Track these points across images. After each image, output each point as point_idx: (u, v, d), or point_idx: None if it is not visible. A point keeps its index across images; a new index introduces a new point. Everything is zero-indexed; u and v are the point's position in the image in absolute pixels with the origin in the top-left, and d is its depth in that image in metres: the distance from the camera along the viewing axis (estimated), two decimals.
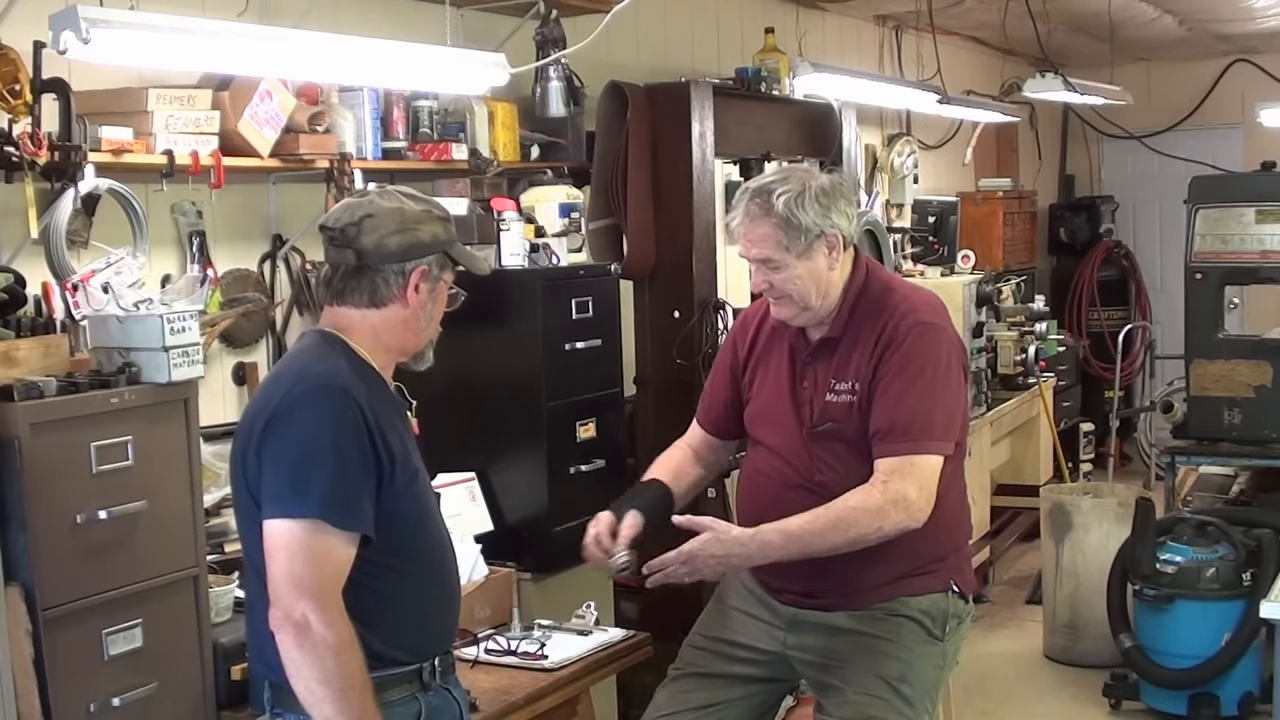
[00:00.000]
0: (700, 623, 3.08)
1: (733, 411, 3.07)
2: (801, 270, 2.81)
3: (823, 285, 2.84)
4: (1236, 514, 5.18)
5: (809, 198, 2.79)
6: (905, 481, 2.73)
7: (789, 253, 2.79)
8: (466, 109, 4.24)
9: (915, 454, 2.75)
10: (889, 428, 2.77)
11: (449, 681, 2.44)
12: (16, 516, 2.48)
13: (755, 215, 2.81)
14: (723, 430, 3.12)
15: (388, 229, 2.33)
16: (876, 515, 2.71)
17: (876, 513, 2.71)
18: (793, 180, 2.82)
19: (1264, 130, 8.68)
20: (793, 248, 2.79)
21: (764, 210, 2.80)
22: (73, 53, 2.72)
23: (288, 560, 2.17)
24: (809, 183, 2.82)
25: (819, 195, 2.80)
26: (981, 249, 7.65)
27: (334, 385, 2.24)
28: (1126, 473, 8.61)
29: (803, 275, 2.81)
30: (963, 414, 2.90)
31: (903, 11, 7.00)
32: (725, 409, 3.09)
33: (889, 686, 2.80)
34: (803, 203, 2.78)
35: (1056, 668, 5.60)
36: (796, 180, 2.82)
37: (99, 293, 2.90)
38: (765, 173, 2.93)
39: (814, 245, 2.80)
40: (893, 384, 2.78)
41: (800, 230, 2.78)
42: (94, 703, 2.61)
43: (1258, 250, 5.34)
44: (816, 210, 2.79)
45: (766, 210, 2.80)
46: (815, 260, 2.81)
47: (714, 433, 3.13)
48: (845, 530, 2.71)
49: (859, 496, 2.74)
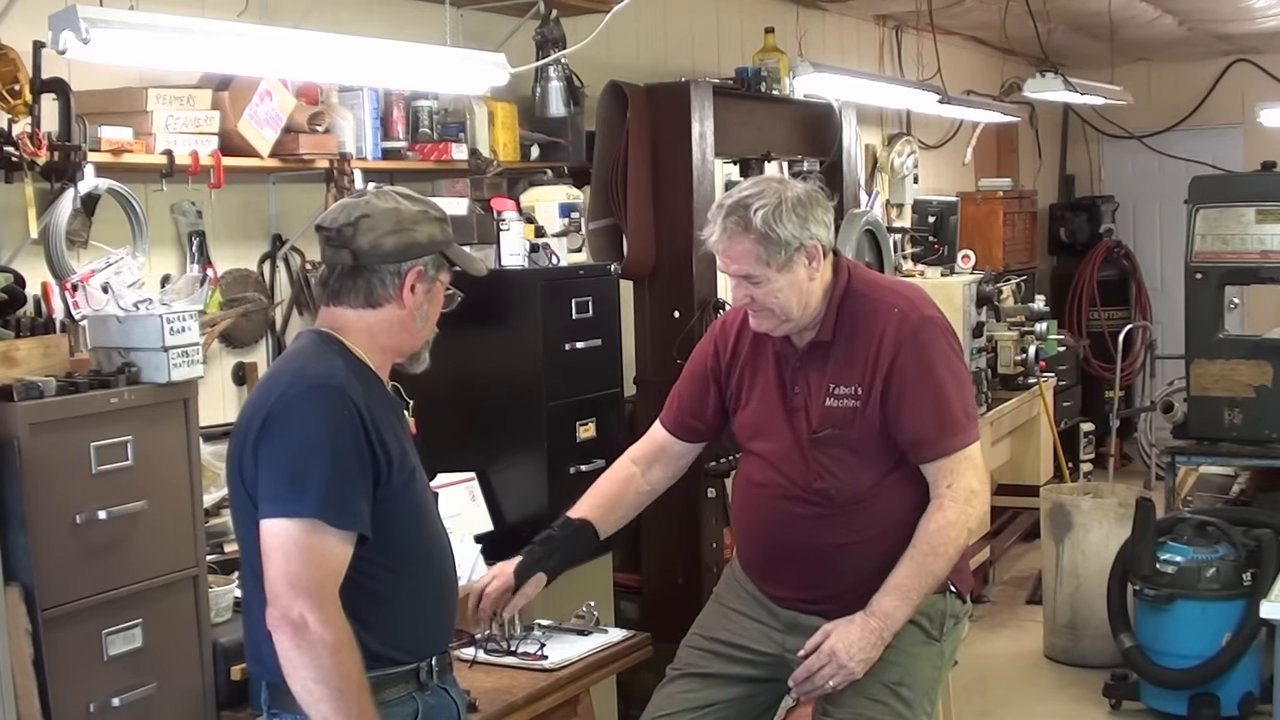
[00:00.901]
0: (698, 623, 3.08)
1: (703, 416, 3.05)
2: (783, 284, 2.78)
3: (804, 296, 2.81)
4: (1236, 514, 5.18)
5: (786, 210, 2.75)
6: (967, 476, 2.79)
7: (769, 267, 2.76)
8: (466, 109, 4.24)
9: (966, 445, 2.81)
10: (939, 430, 2.79)
11: (446, 681, 2.44)
12: (16, 516, 2.48)
13: (733, 232, 2.77)
14: (690, 434, 3.09)
15: (384, 229, 2.33)
16: (961, 522, 2.78)
17: (959, 521, 2.78)
18: (768, 193, 2.78)
19: (1264, 130, 8.68)
20: (773, 262, 2.76)
21: (742, 226, 2.76)
22: (72, 53, 2.72)
23: (285, 560, 2.17)
24: (784, 194, 2.77)
25: (795, 206, 2.77)
26: (981, 249, 7.65)
27: (330, 385, 2.24)
28: (1126, 473, 8.61)
29: (784, 289, 2.78)
30: None
31: (903, 11, 7.00)
32: (695, 414, 3.06)
33: (887, 690, 2.79)
34: (780, 216, 2.74)
35: (1056, 668, 5.60)
36: (772, 193, 2.78)
37: (99, 293, 2.89)
38: (738, 185, 2.89)
39: (794, 258, 2.77)
40: (919, 387, 2.78)
41: (780, 244, 2.75)
42: (94, 703, 2.61)
43: (1258, 250, 5.34)
44: (795, 222, 2.75)
45: (745, 226, 2.75)
46: (796, 273, 2.78)
47: (681, 436, 3.09)
48: (946, 552, 2.77)
49: (935, 517, 2.77)
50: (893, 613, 2.74)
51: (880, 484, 2.82)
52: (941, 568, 2.77)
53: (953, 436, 2.79)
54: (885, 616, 2.73)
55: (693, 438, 3.10)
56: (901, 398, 2.78)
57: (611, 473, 3.12)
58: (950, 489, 2.77)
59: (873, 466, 2.82)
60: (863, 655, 2.72)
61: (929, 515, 2.78)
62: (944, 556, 2.77)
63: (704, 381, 3.04)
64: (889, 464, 2.83)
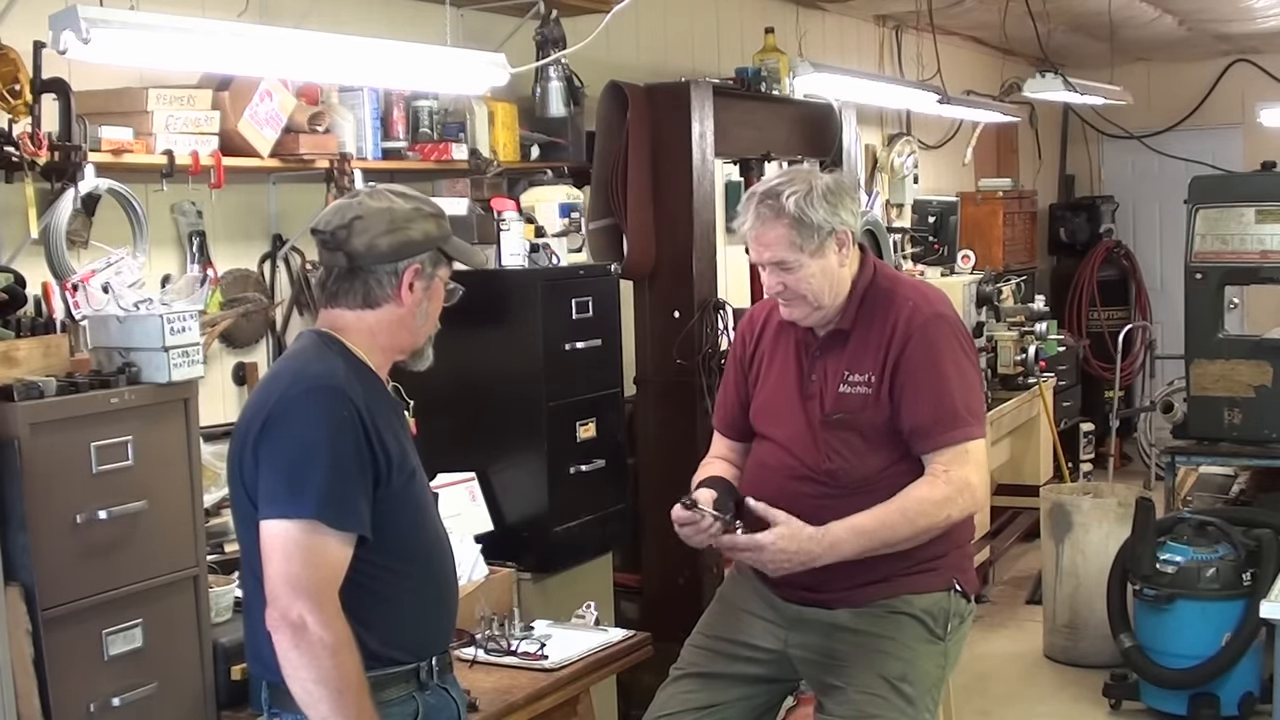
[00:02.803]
0: (703, 622, 3.08)
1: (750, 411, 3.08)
2: (815, 269, 2.82)
3: (835, 283, 2.86)
4: (1236, 514, 5.18)
5: (817, 196, 2.81)
6: (966, 468, 2.79)
7: (803, 252, 2.81)
8: (466, 109, 4.24)
9: (967, 440, 2.81)
10: (935, 420, 2.80)
11: (446, 681, 2.44)
12: (16, 516, 2.48)
13: (766, 218, 2.82)
14: (744, 434, 3.10)
15: (378, 229, 2.32)
16: (944, 504, 2.77)
17: (944, 502, 2.77)
18: (799, 180, 2.84)
19: (1264, 130, 8.68)
20: (806, 247, 2.81)
21: (775, 212, 2.81)
22: (73, 53, 2.72)
23: (284, 560, 2.17)
24: (814, 182, 2.84)
25: (826, 193, 2.82)
26: (981, 249, 7.66)
27: (330, 386, 2.24)
28: (1126, 473, 8.61)
29: (816, 274, 2.83)
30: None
31: (903, 11, 7.00)
32: (745, 412, 3.08)
33: (890, 685, 2.80)
34: (812, 201, 2.80)
35: (1056, 668, 5.60)
36: (802, 180, 2.84)
37: (99, 293, 2.90)
38: (767, 176, 2.92)
39: (826, 243, 2.82)
40: (925, 377, 2.81)
41: (812, 229, 2.80)
42: (94, 703, 2.61)
43: (1258, 250, 5.34)
44: (825, 208, 2.81)
45: (778, 212, 2.81)
46: (828, 258, 2.83)
47: (738, 438, 3.10)
48: (915, 521, 2.76)
49: (924, 488, 2.78)
50: (838, 545, 2.73)
51: (888, 470, 2.83)
52: (904, 534, 2.76)
53: (952, 429, 2.80)
54: (831, 545, 2.72)
55: (747, 436, 3.10)
56: (904, 387, 2.81)
57: (711, 463, 3.09)
58: (947, 474, 2.78)
59: (881, 453, 2.84)
60: (786, 561, 2.72)
61: (918, 484, 2.78)
62: (911, 525, 2.76)
63: (741, 376, 3.08)
64: (898, 452, 2.84)
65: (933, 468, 2.80)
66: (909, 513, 2.76)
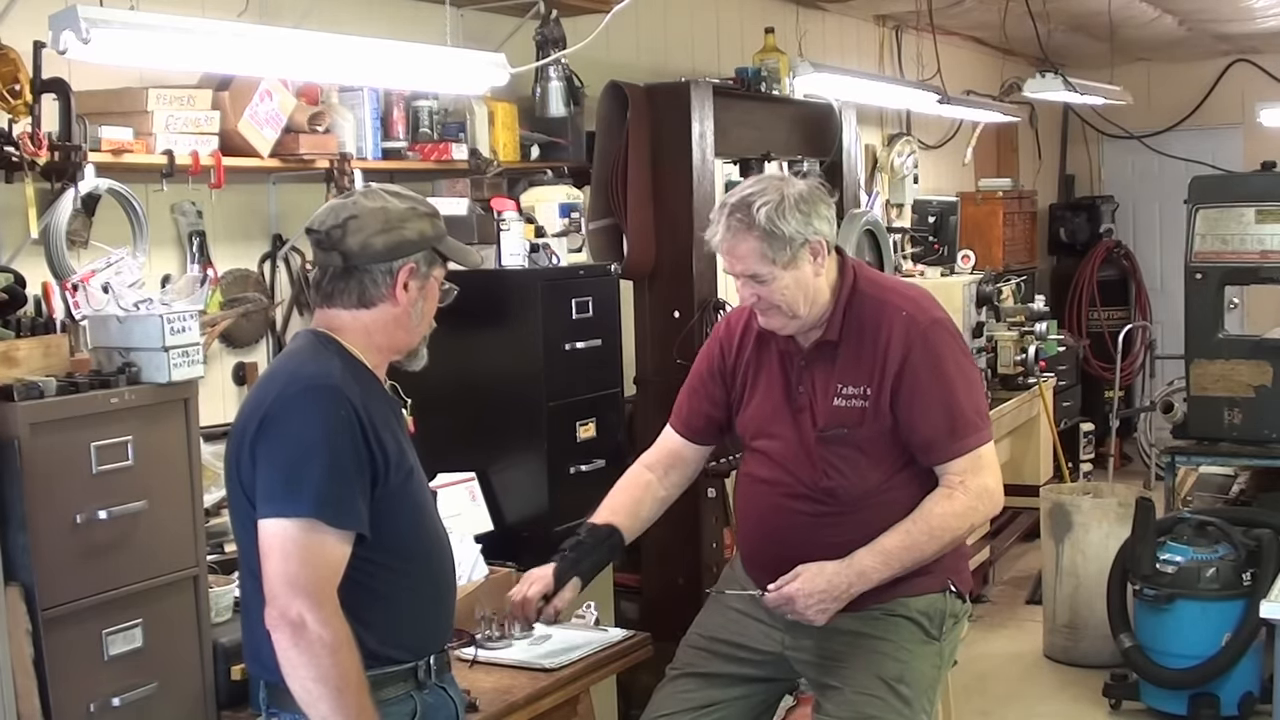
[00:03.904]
0: (698, 622, 3.08)
1: (715, 417, 3.06)
2: (789, 280, 2.78)
3: (810, 293, 2.82)
4: (1236, 514, 5.18)
5: (789, 206, 2.75)
6: (982, 475, 2.80)
7: (775, 265, 2.77)
8: (466, 109, 4.24)
9: (979, 446, 2.81)
10: (948, 431, 2.79)
11: (445, 680, 2.44)
12: (16, 516, 2.48)
13: (738, 230, 2.77)
14: (702, 436, 3.09)
15: (372, 229, 2.32)
16: (967, 515, 2.78)
17: (967, 513, 2.78)
18: (770, 190, 2.78)
19: (1264, 130, 8.69)
20: (778, 259, 2.76)
21: (746, 224, 2.76)
22: (73, 53, 2.72)
23: (283, 559, 2.17)
24: (786, 191, 2.78)
25: (798, 203, 2.77)
26: (981, 249, 7.65)
27: (327, 385, 2.24)
28: (1126, 473, 8.61)
29: (790, 285, 2.79)
30: None
31: (903, 11, 7.00)
32: (707, 415, 3.06)
33: (887, 686, 2.80)
34: (783, 212, 2.75)
35: (1056, 668, 5.60)
36: (774, 190, 2.78)
37: (99, 293, 2.89)
38: (739, 185, 2.89)
39: (799, 254, 2.78)
40: (932, 389, 2.79)
41: (785, 240, 2.75)
42: (94, 703, 2.61)
43: (1258, 250, 5.34)
44: (798, 218, 2.76)
45: (748, 224, 2.76)
46: (801, 269, 2.79)
47: (693, 439, 3.09)
48: (941, 538, 2.77)
49: (945, 503, 2.77)
50: (868, 573, 2.74)
51: (887, 484, 2.82)
52: (931, 551, 2.78)
53: (965, 437, 2.80)
54: (860, 574, 2.74)
55: (705, 439, 3.10)
56: (913, 401, 2.79)
57: (628, 479, 3.10)
58: (964, 484, 2.78)
59: (880, 466, 2.82)
60: (821, 606, 2.73)
61: (937, 498, 2.78)
62: (938, 542, 2.77)
63: (712, 381, 3.05)
64: (897, 464, 2.83)
65: (948, 479, 2.79)
66: (935, 530, 2.76)
